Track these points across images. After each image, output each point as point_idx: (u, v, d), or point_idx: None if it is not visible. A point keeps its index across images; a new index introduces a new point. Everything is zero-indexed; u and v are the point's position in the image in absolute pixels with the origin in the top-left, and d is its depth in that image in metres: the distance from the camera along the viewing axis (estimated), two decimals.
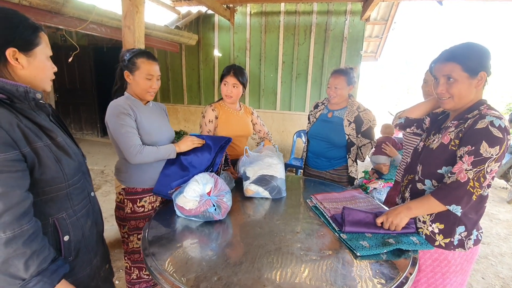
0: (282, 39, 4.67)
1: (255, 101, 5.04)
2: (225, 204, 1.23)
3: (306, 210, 1.39)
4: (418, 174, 1.19)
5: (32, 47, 0.80)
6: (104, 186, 3.87)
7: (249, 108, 2.07)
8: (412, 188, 1.22)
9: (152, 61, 1.43)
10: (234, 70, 1.82)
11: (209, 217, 1.19)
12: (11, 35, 0.76)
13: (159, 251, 1.00)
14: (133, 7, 2.21)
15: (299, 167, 3.77)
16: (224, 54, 5.04)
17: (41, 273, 0.75)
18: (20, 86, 0.79)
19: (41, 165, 0.80)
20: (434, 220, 1.13)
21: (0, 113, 0.73)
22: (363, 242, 1.06)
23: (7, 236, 0.70)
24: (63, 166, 0.85)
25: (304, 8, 4.48)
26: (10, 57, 0.76)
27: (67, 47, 5.48)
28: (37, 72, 0.83)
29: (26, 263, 0.73)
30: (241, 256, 0.99)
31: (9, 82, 0.78)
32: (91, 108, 6.23)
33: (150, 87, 1.43)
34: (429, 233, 1.14)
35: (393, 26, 5.46)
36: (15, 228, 0.71)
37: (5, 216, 0.70)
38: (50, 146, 0.83)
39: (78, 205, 0.93)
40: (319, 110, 2.08)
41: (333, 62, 4.51)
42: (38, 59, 0.82)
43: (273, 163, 1.55)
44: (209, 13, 4.91)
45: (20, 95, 0.79)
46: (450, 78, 1.06)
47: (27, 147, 0.76)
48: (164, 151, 1.41)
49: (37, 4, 2.41)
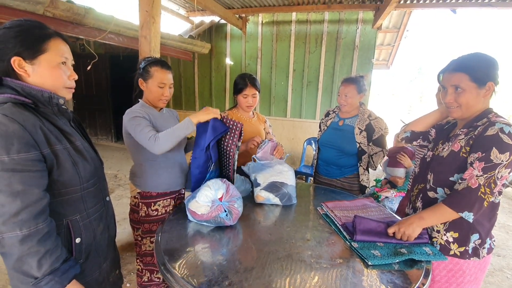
0: (293, 48, 4.72)
1: (266, 108, 5.08)
2: (236, 210, 1.25)
3: (317, 217, 1.39)
4: (429, 183, 1.18)
5: (37, 54, 0.82)
6: (117, 190, 3.96)
7: (262, 116, 2.09)
8: (423, 197, 1.22)
9: (166, 69, 1.47)
10: (249, 80, 1.82)
11: (220, 222, 1.21)
12: (16, 44, 0.79)
13: (171, 254, 1.02)
14: (149, 18, 2.30)
15: (309, 174, 3.75)
16: (235, 62, 5.12)
17: (53, 272, 0.77)
18: (45, 91, 0.83)
19: (59, 167, 0.83)
20: (448, 229, 1.12)
21: (25, 115, 0.77)
22: (375, 251, 1.05)
23: (23, 233, 0.73)
24: (79, 169, 0.89)
25: (316, 17, 4.53)
26: (15, 66, 0.80)
27: (86, 55, 5.70)
28: (44, 79, 0.84)
29: (39, 262, 0.75)
30: (252, 261, 1.00)
31: (35, 87, 0.82)
32: (106, 114, 6.43)
33: (162, 95, 1.47)
34: (444, 242, 1.13)
35: (405, 34, 5.43)
36: (31, 226, 0.74)
37: (22, 214, 0.73)
38: (69, 149, 0.87)
39: (92, 208, 0.96)
40: (330, 118, 2.09)
41: (344, 70, 4.51)
42: (44, 66, 0.83)
43: (283, 170, 1.56)
44: (221, 22, 5.03)
45: (44, 100, 0.84)
46: (458, 88, 1.07)
47: (47, 149, 0.80)
48: (179, 128, 1.31)
49: (60, 15, 2.54)
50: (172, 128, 1.31)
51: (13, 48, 0.79)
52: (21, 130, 0.74)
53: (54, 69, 0.85)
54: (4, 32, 0.80)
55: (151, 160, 1.49)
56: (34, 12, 2.38)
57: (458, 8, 3.71)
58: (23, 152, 0.74)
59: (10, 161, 0.72)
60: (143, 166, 1.50)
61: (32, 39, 0.81)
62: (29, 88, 0.81)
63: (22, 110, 0.78)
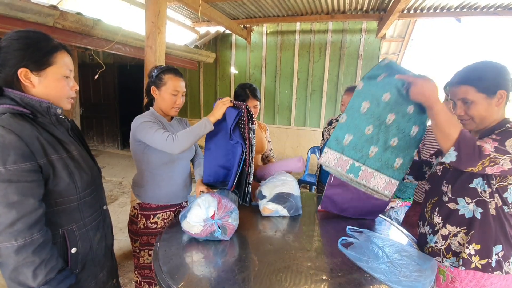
0: (297, 57, 4.76)
1: (270, 117, 5.10)
2: (231, 225, 1.20)
3: (318, 228, 1.37)
4: (446, 195, 1.11)
5: (44, 67, 0.84)
6: (121, 198, 3.97)
7: (263, 124, 2.09)
8: (441, 210, 1.13)
9: (179, 77, 1.47)
10: (251, 92, 1.78)
11: (215, 238, 1.17)
12: (22, 56, 0.81)
13: (169, 266, 1.01)
14: (155, 29, 2.36)
15: (313, 183, 3.71)
16: (240, 71, 5.18)
17: (48, 282, 0.77)
18: (43, 102, 0.85)
19: (56, 177, 0.84)
20: (470, 241, 1.05)
21: (22, 126, 0.78)
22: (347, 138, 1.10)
23: (18, 244, 0.73)
24: (76, 179, 0.89)
25: (319, 27, 4.57)
26: (21, 77, 0.81)
27: (94, 65, 5.85)
28: (49, 91, 0.86)
29: (35, 272, 0.75)
30: (250, 272, 0.98)
31: (34, 98, 0.84)
32: (113, 121, 6.53)
33: (175, 103, 1.47)
34: (467, 256, 1.05)
35: (410, 43, 5.44)
36: (26, 236, 0.74)
37: (18, 224, 0.73)
38: (66, 159, 0.87)
39: (89, 217, 0.96)
40: (333, 127, 2.07)
41: (349, 79, 4.52)
42: (50, 78, 0.85)
43: (287, 179, 1.52)
44: (226, 33, 5.12)
45: (42, 110, 0.85)
46: (466, 101, 1.03)
47: (44, 159, 0.81)
48: (198, 127, 1.30)
49: (69, 27, 2.62)
50: (190, 128, 1.31)
51: (21, 60, 0.81)
52: (18, 141, 0.75)
53: (59, 81, 0.87)
54: (11, 43, 0.82)
55: (153, 170, 1.47)
56: (44, 23, 2.46)
57: (463, 17, 3.71)
58: (19, 162, 0.75)
59: (6, 172, 0.73)
60: (145, 175, 1.49)
61: (40, 52, 0.83)
62: (28, 98, 0.83)
63: (19, 120, 0.79)
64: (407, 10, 3.80)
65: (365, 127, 1.10)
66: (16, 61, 0.80)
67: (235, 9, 4.22)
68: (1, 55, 0.81)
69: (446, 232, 1.11)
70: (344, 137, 1.12)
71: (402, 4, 3.01)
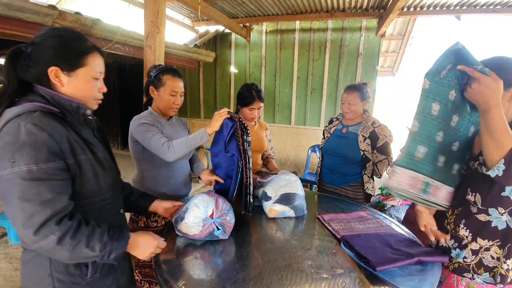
0: (297, 55, 4.75)
1: (270, 116, 5.09)
2: (229, 223, 1.19)
3: (319, 226, 1.37)
4: (476, 205, 1.01)
5: (75, 68, 0.83)
6: None
7: (264, 123, 2.09)
8: (469, 222, 1.04)
9: (177, 78, 1.46)
10: (257, 94, 1.79)
11: (214, 238, 1.16)
12: (56, 56, 0.80)
13: (169, 265, 1.01)
14: (154, 28, 2.35)
15: (314, 182, 3.71)
16: (240, 71, 5.17)
17: (107, 245, 0.80)
18: (74, 101, 0.84)
19: (81, 177, 0.83)
20: (508, 255, 0.97)
21: (53, 124, 0.78)
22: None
23: (57, 236, 0.74)
24: (100, 180, 0.88)
25: (319, 25, 4.56)
26: (51, 75, 0.81)
27: None
28: (77, 91, 0.85)
29: (89, 246, 0.78)
30: (251, 271, 0.98)
31: (64, 97, 0.83)
32: (113, 121, 6.53)
33: (173, 103, 1.47)
34: (505, 272, 0.98)
35: (410, 41, 5.42)
36: (61, 227, 0.75)
37: (52, 220, 0.74)
38: (91, 160, 0.86)
39: (107, 220, 0.94)
40: (334, 126, 2.07)
41: (349, 77, 4.51)
42: (79, 79, 0.84)
43: (291, 179, 1.51)
44: (226, 32, 5.10)
45: (72, 109, 0.85)
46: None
47: (72, 159, 0.80)
48: (194, 137, 1.32)
49: (68, 26, 2.61)
50: (186, 138, 1.32)
51: (53, 59, 0.80)
52: (50, 139, 0.75)
53: (88, 83, 0.87)
54: (46, 40, 0.81)
55: (153, 169, 1.48)
56: (43, 23, 2.45)
57: (463, 15, 3.70)
58: (50, 161, 0.75)
59: (39, 170, 0.73)
60: (144, 175, 1.49)
61: (73, 52, 0.83)
62: (59, 97, 0.83)
63: (50, 119, 0.78)
64: (406, 8, 3.79)
65: (436, 134, 0.96)
66: (48, 59, 0.80)
67: (235, 8, 4.21)
68: (34, 51, 0.80)
69: (477, 247, 1.02)
70: (416, 149, 0.96)
71: (402, 2, 3.00)
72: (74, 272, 0.86)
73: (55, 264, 0.84)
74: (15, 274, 2.30)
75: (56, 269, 0.84)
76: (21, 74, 0.82)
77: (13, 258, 2.51)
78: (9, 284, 2.18)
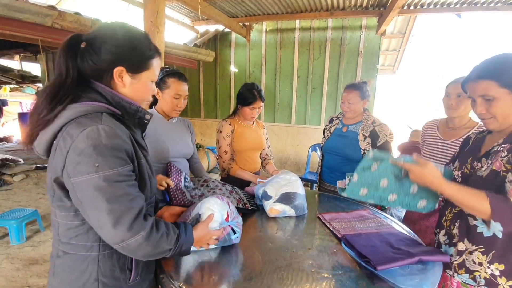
0: (297, 54, 4.75)
1: (271, 115, 5.09)
2: (240, 226, 1.15)
3: (320, 226, 1.36)
4: None
5: (140, 70, 0.82)
6: None
7: (261, 122, 2.12)
8: (462, 223, 1.04)
9: (182, 81, 1.50)
10: (258, 93, 1.83)
11: (226, 242, 1.09)
12: (125, 55, 0.79)
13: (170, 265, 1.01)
14: (154, 28, 2.35)
15: (314, 181, 3.71)
16: (240, 70, 5.17)
17: (179, 237, 0.83)
18: (134, 104, 0.83)
19: (140, 181, 0.83)
20: (492, 260, 0.96)
21: (122, 129, 0.78)
22: (363, 190, 1.07)
23: (146, 231, 0.75)
24: (151, 184, 0.89)
25: (319, 24, 4.55)
26: (116, 75, 0.79)
27: None
28: (136, 93, 0.84)
29: (167, 240, 0.80)
30: (251, 271, 0.98)
31: (125, 98, 0.82)
32: None
33: (176, 106, 1.50)
34: (489, 276, 0.97)
35: (411, 39, 5.41)
36: (148, 223, 0.77)
37: (140, 218, 0.75)
38: (145, 164, 0.86)
39: None
40: (334, 125, 2.07)
41: (349, 76, 4.50)
42: (141, 82, 0.84)
43: (291, 179, 1.51)
44: (226, 31, 5.10)
45: (131, 111, 0.83)
46: (487, 98, 0.94)
47: (135, 162, 0.81)
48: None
49: (67, 27, 2.62)
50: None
51: (121, 59, 0.78)
52: (123, 143, 0.75)
53: (148, 86, 0.86)
54: (114, 37, 0.78)
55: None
56: (43, 24, 2.45)
57: (463, 13, 3.69)
58: (128, 164, 0.76)
59: (121, 173, 0.74)
60: None
61: (142, 55, 0.82)
62: (119, 98, 0.81)
63: (117, 121, 0.79)
64: (407, 6, 3.78)
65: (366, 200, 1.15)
66: (116, 58, 0.78)
67: (234, 7, 4.21)
68: (103, 46, 0.77)
69: (462, 248, 1.03)
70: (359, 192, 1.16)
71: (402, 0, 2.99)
72: (119, 276, 0.84)
73: (102, 268, 0.82)
74: (17, 275, 2.31)
75: (103, 273, 0.82)
76: (81, 66, 0.78)
77: (15, 259, 2.52)
78: (11, 285, 2.19)
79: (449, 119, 1.63)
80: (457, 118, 1.57)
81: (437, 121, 1.74)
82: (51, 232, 3.00)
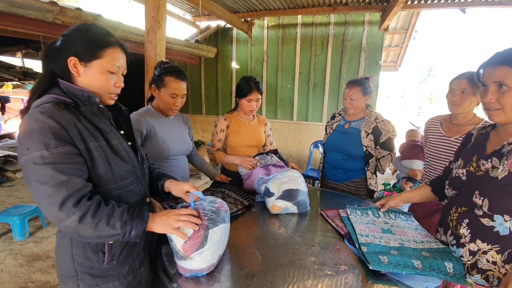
0: (299, 50, 4.71)
1: (272, 111, 5.07)
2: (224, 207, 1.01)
3: (322, 222, 1.36)
4: (481, 209, 0.97)
5: (92, 59, 0.87)
6: None
7: (263, 118, 2.08)
8: (472, 224, 1.00)
9: (180, 80, 1.45)
10: (254, 85, 1.80)
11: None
12: (76, 46, 0.85)
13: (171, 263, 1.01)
14: (155, 23, 2.33)
15: (316, 178, 3.71)
16: (241, 66, 5.14)
17: (127, 223, 0.83)
18: (85, 91, 0.88)
19: (93, 164, 0.86)
20: (507, 260, 0.93)
21: (61, 113, 0.81)
22: (382, 257, 1.00)
23: (78, 215, 0.77)
24: (113, 167, 0.90)
25: (321, 19, 4.51)
26: (70, 65, 0.85)
27: None
28: (91, 82, 0.89)
29: (109, 224, 0.81)
30: (254, 268, 0.98)
31: (76, 87, 0.87)
32: None
33: (173, 105, 1.46)
34: (502, 275, 0.93)
35: (413, 35, 5.36)
36: (81, 207, 0.78)
37: (69, 201, 0.77)
38: (104, 147, 0.89)
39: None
40: (336, 121, 2.05)
41: (351, 72, 4.47)
42: (93, 70, 0.88)
43: (294, 175, 1.50)
44: (227, 27, 5.06)
45: (84, 99, 0.88)
46: (502, 86, 0.89)
47: (82, 145, 0.83)
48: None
49: (69, 22, 2.60)
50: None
51: (74, 49, 0.85)
52: (57, 126, 0.78)
53: (102, 75, 0.90)
54: (73, 33, 0.87)
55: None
56: (44, 19, 2.45)
57: (468, 8, 3.64)
58: (60, 146, 0.78)
59: (50, 155, 0.77)
60: None
61: (92, 44, 0.87)
62: (72, 88, 0.87)
63: (61, 109, 0.82)
64: (410, 1, 3.73)
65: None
66: (70, 50, 0.85)
67: (236, 2, 4.17)
68: (61, 43, 0.86)
69: (475, 248, 0.99)
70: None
71: None
72: (92, 257, 0.90)
73: (75, 247, 0.89)
74: (20, 270, 2.33)
75: (76, 252, 0.89)
76: (52, 67, 0.87)
77: (18, 255, 2.54)
78: (14, 280, 2.21)
79: (452, 115, 1.61)
80: (461, 115, 1.55)
81: (440, 118, 1.72)
82: (53, 228, 3.02)
